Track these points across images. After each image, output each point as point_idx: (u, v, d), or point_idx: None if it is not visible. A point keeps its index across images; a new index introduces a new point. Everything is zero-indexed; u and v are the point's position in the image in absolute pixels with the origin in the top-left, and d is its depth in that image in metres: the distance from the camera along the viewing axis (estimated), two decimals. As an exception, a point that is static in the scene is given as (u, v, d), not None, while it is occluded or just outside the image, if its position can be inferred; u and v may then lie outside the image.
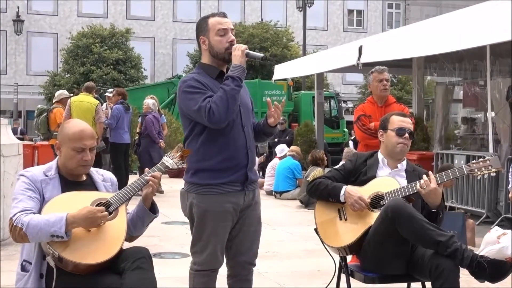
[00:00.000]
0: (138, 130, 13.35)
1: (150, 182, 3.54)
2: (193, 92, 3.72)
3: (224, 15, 3.90)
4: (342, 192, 4.17)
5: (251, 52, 3.82)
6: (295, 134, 16.84)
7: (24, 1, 36.77)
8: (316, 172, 11.31)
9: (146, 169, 3.65)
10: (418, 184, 4.00)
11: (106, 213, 3.34)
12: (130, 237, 3.65)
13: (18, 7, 35.52)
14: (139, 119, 13.45)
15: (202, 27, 3.88)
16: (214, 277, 3.96)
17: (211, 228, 3.83)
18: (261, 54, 3.92)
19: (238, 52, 3.76)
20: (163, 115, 13.91)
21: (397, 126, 4.34)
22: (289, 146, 14.31)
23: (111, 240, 3.37)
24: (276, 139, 17.00)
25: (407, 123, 4.39)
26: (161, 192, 12.14)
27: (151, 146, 12.71)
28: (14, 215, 3.29)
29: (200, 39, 3.88)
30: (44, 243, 3.29)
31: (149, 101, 13.10)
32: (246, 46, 3.81)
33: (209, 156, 3.78)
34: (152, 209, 3.64)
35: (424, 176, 4.00)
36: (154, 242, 7.33)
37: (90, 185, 3.63)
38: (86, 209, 3.30)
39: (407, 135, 4.32)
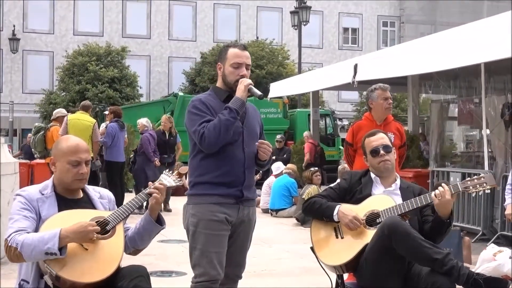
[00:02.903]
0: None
1: (154, 193, 3.62)
2: (194, 114, 3.98)
3: (244, 48, 4.14)
4: (335, 212, 4.19)
5: (253, 89, 4.04)
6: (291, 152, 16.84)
7: (20, 19, 36.85)
8: (310, 190, 11.32)
9: (134, 198, 3.68)
10: (433, 193, 4.01)
11: (97, 227, 3.35)
12: (135, 251, 3.69)
13: (14, 26, 35.52)
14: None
15: (222, 54, 4.14)
16: None
17: (204, 236, 3.94)
18: (260, 93, 4.11)
19: (242, 86, 3.98)
20: (177, 134, 13.26)
21: (370, 148, 4.42)
22: (286, 164, 14.25)
23: (108, 258, 3.37)
24: (273, 157, 16.97)
25: (379, 139, 4.43)
26: (169, 210, 12.15)
27: (147, 164, 12.63)
28: (9, 236, 3.31)
29: (218, 65, 4.14)
30: (41, 262, 3.29)
31: (143, 120, 13.09)
32: (251, 81, 4.02)
33: (207, 170, 3.99)
34: (158, 221, 3.69)
35: (440, 187, 4.00)
36: (150, 260, 7.30)
37: (87, 202, 3.64)
38: (78, 223, 3.32)
39: (382, 151, 4.36)
